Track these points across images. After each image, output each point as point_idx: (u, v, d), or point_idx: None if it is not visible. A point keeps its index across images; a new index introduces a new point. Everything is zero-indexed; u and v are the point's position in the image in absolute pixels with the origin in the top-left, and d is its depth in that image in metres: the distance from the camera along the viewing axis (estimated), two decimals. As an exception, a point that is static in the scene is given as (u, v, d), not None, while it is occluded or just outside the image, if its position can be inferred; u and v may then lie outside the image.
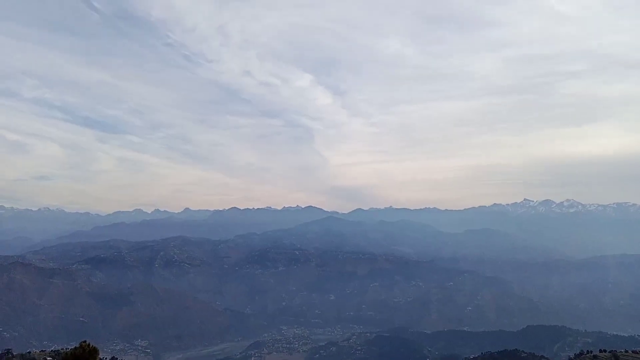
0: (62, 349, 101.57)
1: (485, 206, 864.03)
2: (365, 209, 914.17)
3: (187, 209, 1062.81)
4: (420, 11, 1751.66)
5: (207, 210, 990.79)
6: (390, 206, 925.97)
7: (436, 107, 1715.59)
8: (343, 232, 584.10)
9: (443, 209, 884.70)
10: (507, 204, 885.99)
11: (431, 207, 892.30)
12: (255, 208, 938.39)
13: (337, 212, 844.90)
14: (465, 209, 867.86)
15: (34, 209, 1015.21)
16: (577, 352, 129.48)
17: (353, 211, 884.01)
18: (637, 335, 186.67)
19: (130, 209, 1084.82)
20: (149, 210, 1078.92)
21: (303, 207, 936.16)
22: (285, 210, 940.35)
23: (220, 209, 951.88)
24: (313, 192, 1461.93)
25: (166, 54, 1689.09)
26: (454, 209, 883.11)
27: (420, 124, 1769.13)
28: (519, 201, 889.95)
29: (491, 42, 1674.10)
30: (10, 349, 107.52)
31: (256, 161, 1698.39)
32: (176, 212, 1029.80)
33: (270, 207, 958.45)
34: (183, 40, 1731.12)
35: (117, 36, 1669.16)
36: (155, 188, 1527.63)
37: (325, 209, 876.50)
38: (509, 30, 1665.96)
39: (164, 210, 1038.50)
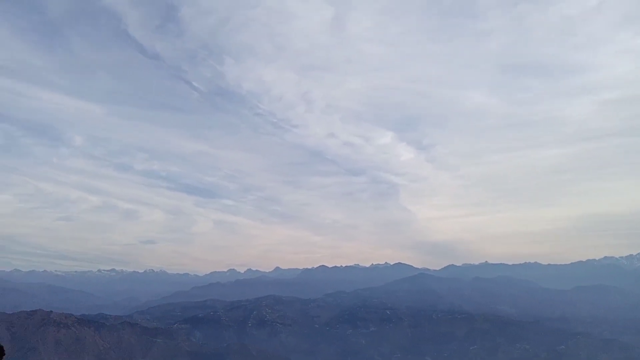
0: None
1: (594, 259, 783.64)
2: (458, 264, 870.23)
3: (277, 267, 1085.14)
4: (501, 61, 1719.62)
5: (296, 268, 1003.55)
6: (486, 261, 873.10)
7: (527, 155, 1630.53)
8: (436, 289, 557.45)
9: (545, 263, 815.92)
10: (621, 257, 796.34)
11: (532, 261, 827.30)
12: (343, 266, 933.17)
13: (428, 269, 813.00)
14: (571, 263, 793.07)
15: (140, 270, 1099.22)
16: None
17: (445, 267, 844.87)
18: None
19: (225, 269, 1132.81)
20: (242, 270, 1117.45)
21: (392, 263, 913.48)
22: (374, 267, 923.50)
23: (309, 267, 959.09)
24: (401, 248, 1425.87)
25: (256, 122, 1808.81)
26: (558, 264, 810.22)
27: (511, 173, 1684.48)
28: (634, 253, 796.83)
29: (582, 85, 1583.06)
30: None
31: (342, 218, 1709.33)
32: (267, 271, 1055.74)
33: (358, 265, 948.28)
34: (271, 109, 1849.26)
35: (214, 110, 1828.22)
36: (247, 248, 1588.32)
37: (415, 266, 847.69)
38: (601, 73, 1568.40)
39: (256, 270, 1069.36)
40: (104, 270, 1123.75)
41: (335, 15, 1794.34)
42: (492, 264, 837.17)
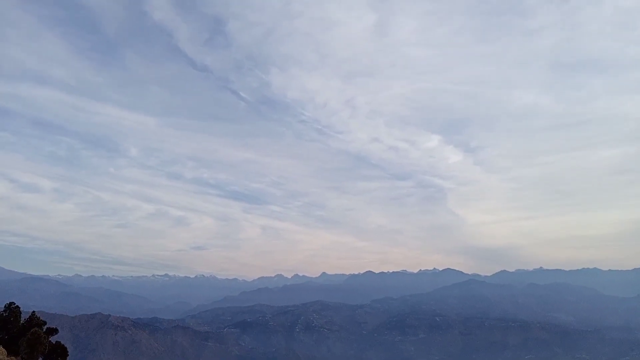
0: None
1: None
2: (510, 270, 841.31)
3: (323, 273, 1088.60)
4: (552, 59, 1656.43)
5: (342, 274, 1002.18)
6: (541, 267, 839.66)
7: (582, 155, 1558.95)
8: (487, 296, 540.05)
9: (606, 269, 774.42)
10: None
11: (590, 267, 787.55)
12: (390, 271, 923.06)
13: (478, 275, 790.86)
14: (634, 269, 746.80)
15: (191, 276, 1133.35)
16: None
17: (497, 273, 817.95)
18: None
19: (273, 275, 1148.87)
20: (289, 275, 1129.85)
21: (440, 269, 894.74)
22: (422, 273, 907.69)
23: (355, 273, 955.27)
24: (450, 254, 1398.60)
25: (301, 129, 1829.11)
26: (620, 269, 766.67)
27: (566, 174, 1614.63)
28: None
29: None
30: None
31: (388, 223, 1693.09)
32: (314, 276, 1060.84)
33: (405, 271, 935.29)
34: (315, 115, 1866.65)
35: (260, 119, 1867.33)
36: (293, 253, 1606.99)
37: (465, 272, 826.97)
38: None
39: (303, 275, 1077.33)
40: (157, 275, 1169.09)
41: (378, 21, 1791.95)
42: (548, 269, 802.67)
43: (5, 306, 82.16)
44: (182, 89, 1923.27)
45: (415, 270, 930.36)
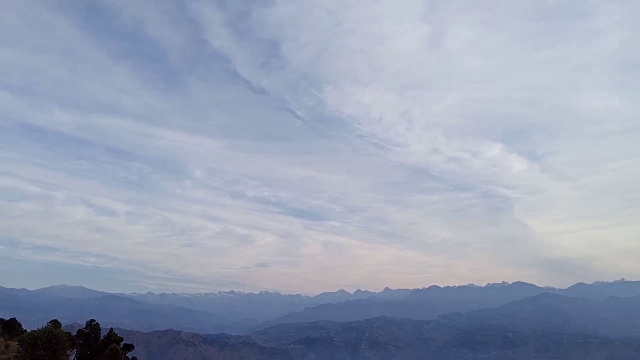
0: None
1: None
2: (588, 283, 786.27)
3: (386, 288, 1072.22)
4: (619, 60, 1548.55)
5: (406, 289, 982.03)
6: (622, 279, 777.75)
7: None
8: (563, 310, 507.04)
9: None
10: None
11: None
12: (456, 286, 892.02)
13: (552, 288, 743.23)
14: None
15: (255, 292, 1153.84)
16: None
17: (573, 286, 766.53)
18: None
19: (335, 290, 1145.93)
20: (352, 290, 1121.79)
21: (510, 283, 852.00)
22: (490, 287, 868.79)
23: (420, 288, 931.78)
24: (520, 266, 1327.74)
25: (358, 144, 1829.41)
26: None
27: (639, 180, 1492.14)
28: None
29: None
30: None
31: (452, 236, 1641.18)
32: (377, 292, 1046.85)
33: (472, 285, 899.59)
34: (372, 130, 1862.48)
35: (316, 136, 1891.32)
36: (355, 268, 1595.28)
37: (538, 285, 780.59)
38: None
39: (366, 291, 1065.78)
40: (223, 292, 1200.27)
41: (431, 33, 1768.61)
42: (630, 281, 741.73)
43: (86, 323, 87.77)
44: (241, 111, 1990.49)
45: (483, 284, 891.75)
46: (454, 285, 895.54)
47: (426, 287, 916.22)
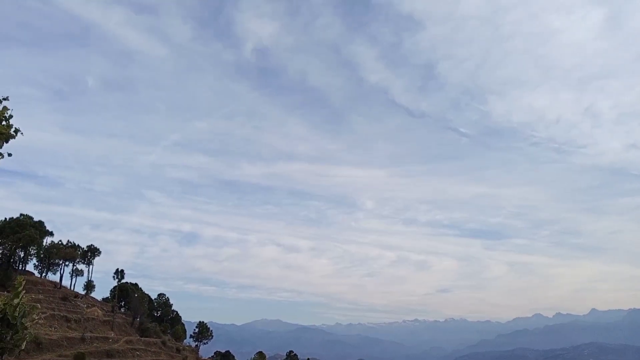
0: None
1: None
2: None
3: (593, 309, 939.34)
4: None
5: (619, 309, 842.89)
6: None
7: None
8: None
9: None
10: None
11: None
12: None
13: None
14: None
15: (440, 319, 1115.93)
16: None
17: None
18: None
19: (529, 314, 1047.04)
20: (550, 314, 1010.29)
21: None
22: None
23: (638, 307, 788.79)
24: None
25: (534, 152, 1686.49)
26: None
27: None
28: None
29: None
30: None
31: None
32: (581, 314, 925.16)
33: None
34: (549, 134, 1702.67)
35: (485, 150, 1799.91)
36: (550, 289, 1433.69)
37: None
38: None
39: (567, 313, 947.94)
40: (407, 320, 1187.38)
41: (608, 15, 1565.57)
42: None
43: (286, 354, 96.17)
44: (404, 138, 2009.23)
45: None
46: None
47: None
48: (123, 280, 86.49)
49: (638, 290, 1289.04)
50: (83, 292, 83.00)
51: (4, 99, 13.31)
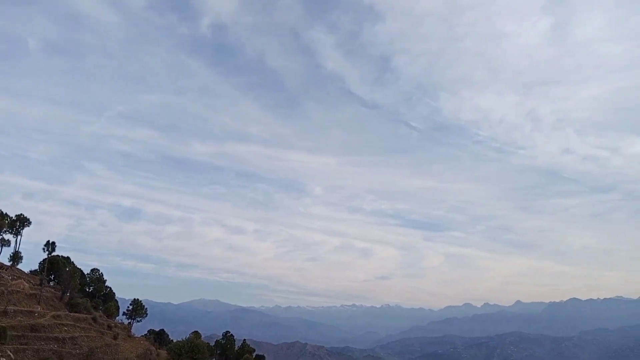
0: None
1: None
2: None
3: (518, 301, 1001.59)
4: None
5: (540, 302, 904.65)
6: None
7: None
8: None
9: None
10: None
11: None
12: (602, 298, 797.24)
13: None
14: None
15: (377, 305, 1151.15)
16: None
17: None
18: None
19: (460, 303, 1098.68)
20: (478, 304, 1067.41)
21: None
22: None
23: (556, 301, 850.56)
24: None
25: (477, 150, 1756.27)
26: None
27: None
28: None
29: None
30: None
31: (594, 243, 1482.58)
32: (507, 305, 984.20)
33: (621, 297, 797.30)
34: (492, 134, 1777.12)
35: (434, 145, 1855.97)
36: (482, 281, 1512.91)
37: None
38: None
39: (494, 304, 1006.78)
40: (346, 305, 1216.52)
41: (555, 24, 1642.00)
42: None
43: (223, 334, 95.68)
44: (357, 128, 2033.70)
45: (635, 297, 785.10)
46: (598, 298, 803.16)
47: (564, 300, 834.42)
48: (54, 253, 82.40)
49: (558, 285, 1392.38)
50: (9, 264, 78.43)
51: None
